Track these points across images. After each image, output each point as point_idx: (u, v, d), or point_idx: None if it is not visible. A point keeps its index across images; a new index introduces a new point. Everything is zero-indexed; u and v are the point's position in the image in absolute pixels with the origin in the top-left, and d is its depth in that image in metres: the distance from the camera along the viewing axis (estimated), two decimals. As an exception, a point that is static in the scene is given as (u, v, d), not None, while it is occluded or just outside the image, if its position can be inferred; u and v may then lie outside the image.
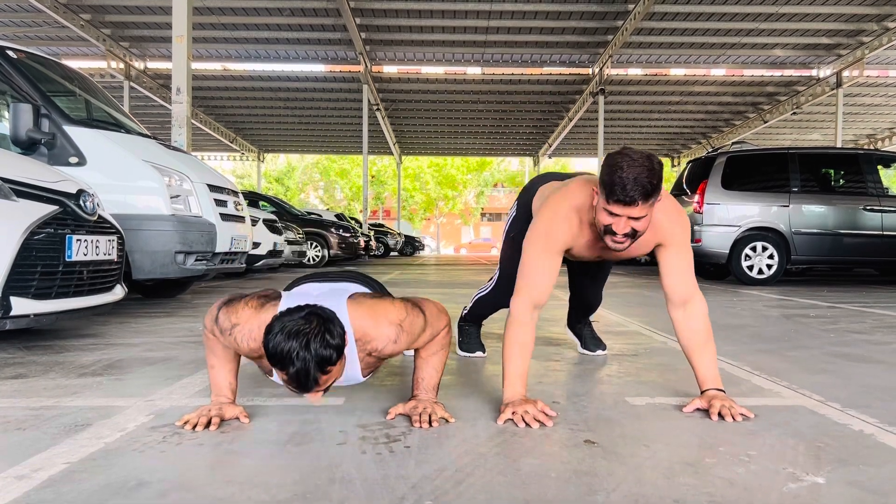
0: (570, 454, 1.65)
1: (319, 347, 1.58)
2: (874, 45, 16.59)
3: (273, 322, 1.64)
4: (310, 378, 1.60)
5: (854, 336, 3.87)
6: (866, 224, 8.59)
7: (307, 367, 1.58)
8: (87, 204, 3.38)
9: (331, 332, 1.62)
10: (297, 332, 1.59)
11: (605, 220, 2.00)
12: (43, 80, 4.70)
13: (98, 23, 16.31)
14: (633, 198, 1.90)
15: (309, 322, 1.61)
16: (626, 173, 1.89)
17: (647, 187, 1.90)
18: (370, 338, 1.86)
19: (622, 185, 1.89)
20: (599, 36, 17.00)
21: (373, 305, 1.89)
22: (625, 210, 1.94)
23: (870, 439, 1.80)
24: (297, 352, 1.57)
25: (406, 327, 1.88)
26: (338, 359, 1.64)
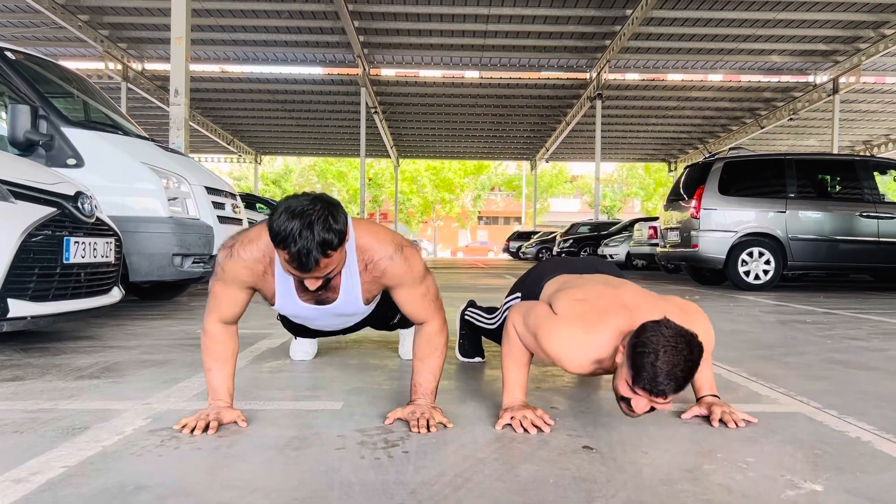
0: (568, 460, 1.65)
1: (322, 229, 1.62)
2: (871, 52, 16.66)
3: (279, 203, 1.68)
4: (311, 257, 1.63)
5: (851, 342, 3.88)
6: (862, 230, 8.61)
7: (308, 245, 1.61)
8: (84, 206, 3.38)
9: (335, 216, 1.67)
10: (302, 212, 1.63)
11: (624, 393, 1.76)
12: (41, 82, 4.69)
13: (96, 24, 16.30)
14: (663, 392, 1.66)
15: (314, 204, 1.66)
16: (661, 362, 1.63)
17: (680, 381, 1.65)
18: (369, 247, 1.94)
19: (653, 376, 1.65)
20: (597, 41, 17.04)
21: (377, 227, 2.01)
22: (650, 397, 1.70)
23: (867, 446, 1.81)
24: (300, 230, 1.60)
25: (406, 254, 1.97)
26: (339, 244, 1.68)
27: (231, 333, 2.02)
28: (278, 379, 2.64)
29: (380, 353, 3.30)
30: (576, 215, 45.48)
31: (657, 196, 44.61)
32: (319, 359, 3.11)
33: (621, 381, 1.76)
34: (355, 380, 2.63)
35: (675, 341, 1.65)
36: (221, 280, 1.97)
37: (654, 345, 1.65)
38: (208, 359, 1.98)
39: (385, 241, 1.96)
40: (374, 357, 3.19)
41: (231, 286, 1.96)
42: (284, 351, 3.28)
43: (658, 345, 1.65)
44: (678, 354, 1.64)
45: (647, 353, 1.65)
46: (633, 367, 1.68)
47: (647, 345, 1.66)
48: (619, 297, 2.00)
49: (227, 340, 2.00)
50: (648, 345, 1.66)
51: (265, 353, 3.25)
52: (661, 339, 1.66)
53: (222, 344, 1.99)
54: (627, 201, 51.26)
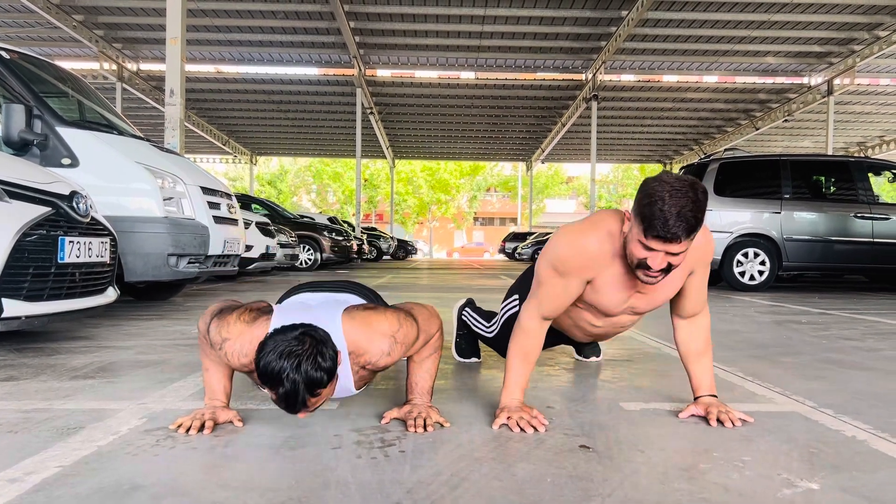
0: (565, 459, 1.65)
1: (310, 370, 1.57)
2: (865, 54, 16.72)
3: (266, 340, 1.63)
4: (298, 400, 1.59)
5: (846, 342, 3.89)
6: (857, 231, 8.63)
7: (296, 388, 1.57)
8: (79, 206, 3.37)
9: (322, 354, 1.61)
10: (290, 352, 1.58)
11: (640, 254, 1.79)
12: (35, 81, 4.68)
13: (91, 24, 16.27)
14: (676, 234, 1.68)
15: (301, 343, 1.60)
16: (669, 206, 1.67)
17: (691, 222, 1.68)
18: (363, 350, 1.84)
19: (664, 220, 1.67)
20: (593, 42, 17.07)
21: (366, 318, 1.86)
22: (664, 246, 1.72)
23: (862, 445, 1.81)
24: (288, 373, 1.56)
25: (400, 339, 1.86)
26: (328, 381, 1.63)
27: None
28: (274, 379, 2.63)
29: (376, 353, 3.29)
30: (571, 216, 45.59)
31: (652, 197, 44.65)
32: (315, 359, 3.10)
33: (634, 243, 1.79)
34: (351, 380, 2.62)
35: (679, 185, 1.69)
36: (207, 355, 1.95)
37: (660, 191, 1.69)
38: (206, 359, 1.97)
39: (377, 337, 1.84)
40: (370, 357, 3.18)
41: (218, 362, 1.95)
42: (280, 351, 3.27)
43: (663, 191, 1.69)
44: (684, 196, 1.67)
45: (654, 200, 1.68)
46: (644, 217, 1.71)
47: (652, 194, 1.70)
48: None
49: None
50: (654, 193, 1.69)
51: (261, 353, 3.24)
52: (665, 185, 1.70)
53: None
54: (623, 202, 51.34)
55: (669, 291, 2.06)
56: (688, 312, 2.14)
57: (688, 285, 2.07)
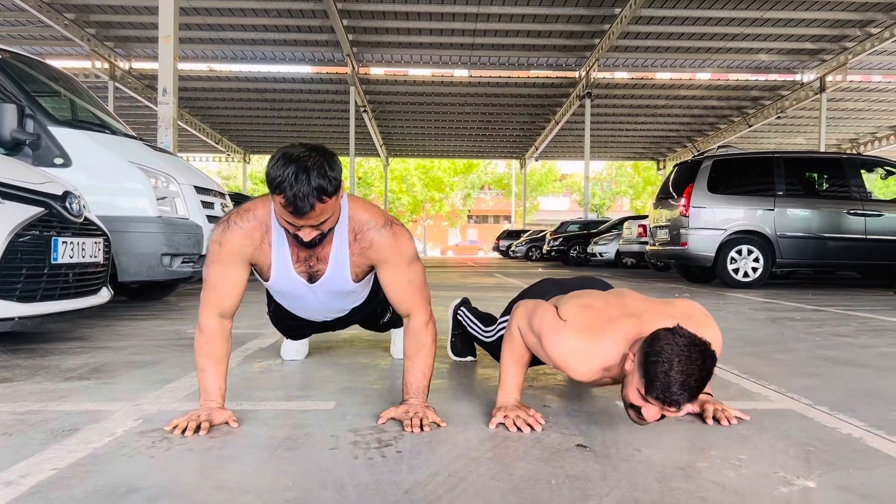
0: (562, 458, 1.65)
1: (317, 175, 1.69)
2: (857, 51, 16.78)
3: (277, 151, 1.76)
4: (306, 201, 1.69)
5: (840, 339, 3.90)
6: (850, 228, 8.67)
7: (304, 189, 1.67)
8: (72, 206, 3.35)
9: (330, 164, 1.74)
10: (298, 157, 1.71)
11: (635, 402, 1.72)
12: (27, 80, 4.65)
13: (82, 22, 16.18)
14: (678, 402, 1.63)
15: (310, 152, 1.73)
16: (675, 373, 1.60)
17: (694, 391, 1.63)
18: (360, 217, 2.01)
19: (667, 386, 1.61)
20: (586, 39, 17.08)
21: (371, 203, 2.10)
22: (662, 406, 1.67)
23: (858, 443, 1.82)
24: (297, 174, 1.67)
25: (395, 230, 2.03)
26: (333, 192, 1.74)
27: (225, 331, 2.00)
28: (270, 379, 2.62)
29: (371, 353, 3.29)
30: (565, 214, 45.62)
31: (646, 195, 44.79)
32: (311, 358, 3.10)
33: (632, 389, 1.72)
34: (347, 379, 2.62)
35: (689, 351, 1.62)
36: (217, 260, 1.96)
37: (668, 354, 1.62)
38: (201, 358, 1.96)
39: (376, 214, 2.04)
40: (365, 356, 3.18)
41: (228, 264, 1.96)
42: (275, 351, 3.26)
43: (672, 354, 1.61)
44: (692, 364, 1.61)
45: (660, 361, 1.62)
46: (646, 376, 1.65)
47: (660, 354, 1.63)
48: (625, 305, 1.97)
49: (221, 339, 1.99)
50: (662, 354, 1.62)
51: (256, 353, 3.23)
52: (676, 348, 1.62)
53: (216, 343, 1.97)
54: (616, 200, 51.44)
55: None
56: None
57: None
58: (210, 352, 1.96)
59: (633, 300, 2.02)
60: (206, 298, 1.99)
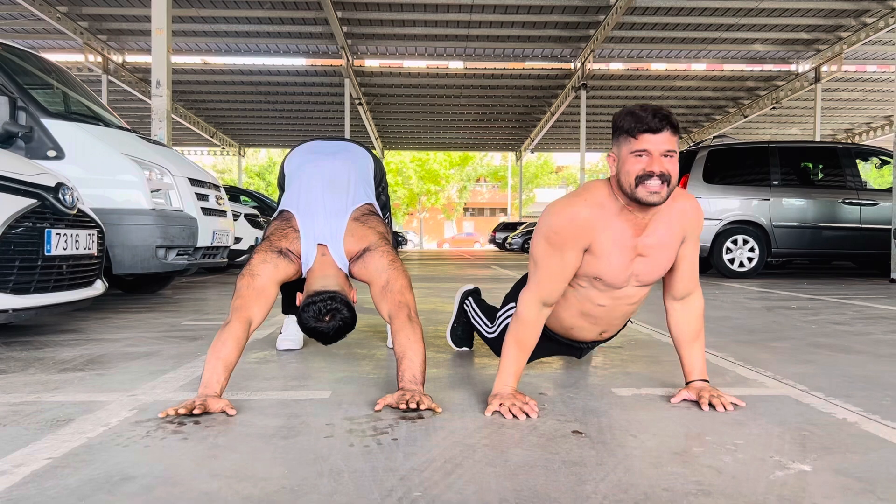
0: (558, 445, 1.65)
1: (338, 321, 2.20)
2: (852, 41, 16.76)
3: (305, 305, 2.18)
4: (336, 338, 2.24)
5: (835, 327, 3.91)
6: (845, 217, 8.69)
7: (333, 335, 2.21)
8: (66, 197, 3.33)
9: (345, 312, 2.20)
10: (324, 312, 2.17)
11: (636, 167, 1.83)
12: (20, 73, 4.62)
13: (75, 15, 16.07)
14: (662, 124, 1.80)
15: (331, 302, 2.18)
16: (642, 110, 1.83)
17: (668, 117, 1.82)
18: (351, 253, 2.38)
19: (645, 117, 1.81)
20: (581, 30, 17.03)
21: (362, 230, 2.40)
22: (654, 140, 1.81)
23: (853, 427, 1.82)
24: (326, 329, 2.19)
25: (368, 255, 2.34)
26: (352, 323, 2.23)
27: (242, 342, 2.06)
28: (265, 369, 2.62)
29: (368, 343, 3.28)
30: (561, 206, 45.49)
31: (642, 186, 44.72)
32: (307, 349, 3.09)
33: (626, 161, 1.86)
34: (343, 369, 2.62)
35: (642, 104, 1.87)
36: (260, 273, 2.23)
37: (631, 107, 1.87)
38: (214, 358, 1.97)
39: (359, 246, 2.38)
40: (361, 347, 3.18)
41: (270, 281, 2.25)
42: (271, 342, 3.26)
43: (634, 106, 1.87)
44: (650, 107, 1.84)
45: (630, 111, 1.85)
46: (627, 128, 1.84)
47: (625, 110, 1.88)
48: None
49: (237, 348, 2.03)
50: (627, 109, 1.88)
51: (252, 343, 3.23)
52: (634, 106, 1.88)
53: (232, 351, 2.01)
54: (612, 191, 51.36)
55: (670, 254, 2.06)
56: (680, 292, 2.14)
57: (680, 257, 2.09)
58: (224, 355, 1.99)
59: None
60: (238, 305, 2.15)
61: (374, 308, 3.46)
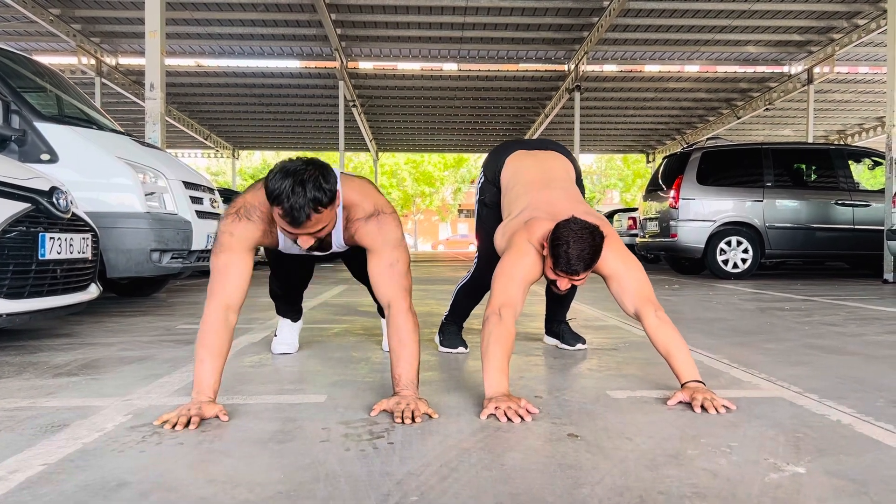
0: (553, 448, 1.66)
1: (313, 187, 1.81)
2: (844, 42, 16.82)
3: (276, 165, 1.87)
4: (302, 212, 1.81)
5: (828, 328, 3.92)
6: (838, 218, 8.73)
7: (300, 201, 1.80)
8: (60, 201, 3.32)
9: (325, 176, 1.86)
10: (295, 171, 1.83)
11: (551, 276, 2.26)
12: (12, 76, 4.60)
13: (68, 17, 16.01)
14: (576, 270, 2.16)
15: (307, 165, 1.85)
16: (571, 249, 2.12)
17: (587, 261, 2.15)
18: (352, 204, 2.16)
19: (566, 260, 2.14)
20: (575, 32, 17.06)
21: (366, 187, 2.23)
22: (568, 277, 2.20)
23: (847, 429, 1.83)
24: (293, 187, 1.80)
25: (381, 220, 2.16)
26: (328, 203, 1.86)
27: (230, 325, 2.01)
28: (261, 373, 2.62)
29: (363, 346, 3.28)
30: (555, 207, 45.53)
31: (636, 187, 44.86)
32: (302, 353, 3.09)
33: (548, 268, 2.25)
34: (338, 373, 2.62)
35: (581, 233, 2.14)
36: (228, 248, 2.05)
37: (566, 237, 2.14)
38: (202, 349, 1.95)
39: (365, 200, 2.18)
40: (357, 350, 3.17)
41: (238, 252, 2.05)
42: (266, 346, 3.26)
43: (568, 237, 2.14)
44: (584, 242, 2.14)
45: (560, 244, 2.15)
46: (553, 256, 2.18)
47: (559, 238, 2.16)
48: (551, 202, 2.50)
49: (224, 332, 1.99)
50: (561, 238, 2.15)
51: (247, 347, 3.22)
52: (570, 232, 2.15)
53: (220, 335, 1.97)
54: (606, 193, 51.52)
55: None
56: (634, 314, 2.29)
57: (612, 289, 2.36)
58: (212, 344, 1.95)
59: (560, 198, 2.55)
60: (213, 289, 2.03)
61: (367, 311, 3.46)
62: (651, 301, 2.28)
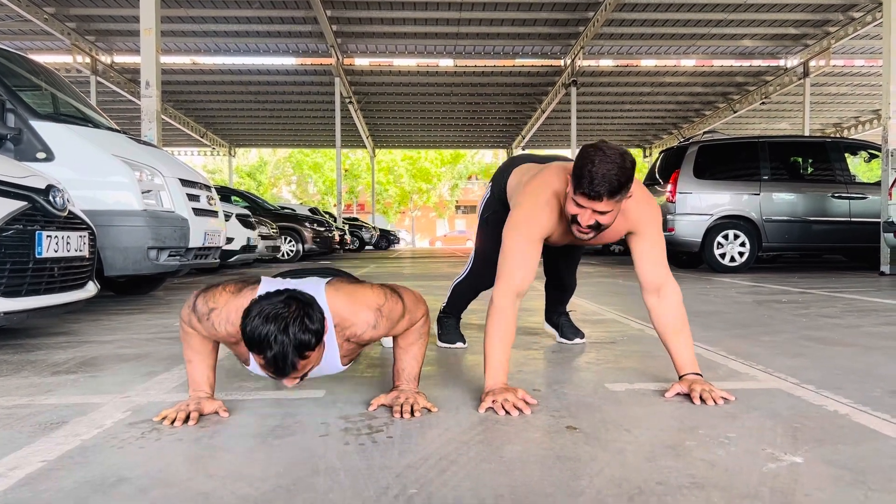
0: (552, 440, 1.66)
1: (298, 332, 1.56)
2: (840, 35, 16.84)
3: (251, 305, 1.61)
4: (287, 362, 1.58)
5: (825, 320, 3.94)
6: (834, 211, 8.74)
7: (285, 350, 1.56)
8: (56, 199, 3.32)
9: (310, 316, 1.60)
10: (276, 315, 1.57)
11: (572, 210, 2.05)
12: (7, 75, 4.59)
13: (62, 16, 15.98)
14: (599, 193, 1.94)
15: (288, 306, 1.59)
16: (597, 168, 1.91)
17: (613, 184, 1.93)
18: (349, 323, 1.84)
19: (590, 179, 1.92)
20: (571, 27, 17.05)
21: (352, 291, 1.87)
22: (590, 203, 1.98)
23: (844, 419, 1.84)
24: (275, 335, 1.55)
25: (385, 312, 1.87)
26: (316, 344, 1.62)
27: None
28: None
29: (361, 342, 3.28)
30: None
31: (633, 182, 44.82)
32: (300, 348, 3.09)
33: (569, 200, 2.05)
34: (337, 368, 2.62)
35: (609, 152, 1.94)
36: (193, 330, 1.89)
37: (591, 155, 1.94)
38: (188, 351, 1.94)
39: (363, 309, 1.85)
40: (355, 345, 3.17)
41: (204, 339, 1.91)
42: (264, 342, 3.25)
43: (594, 155, 1.93)
44: (611, 162, 1.92)
45: (585, 162, 1.94)
46: (575, 177, 1.97)
47: (585, 156, 1.95)
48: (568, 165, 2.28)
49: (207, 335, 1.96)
50: (586, 156, 1.95)
51: (245, 344, 3.22)
52: (598, 151, 1.95)
53: (201, 337, 1.95)
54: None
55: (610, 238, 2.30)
56: (650, 283, 2.21)
57: (635, 250, 2.23)
58: (196, 345, 1.92)
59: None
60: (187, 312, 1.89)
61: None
62: (671, 277, 2.21)
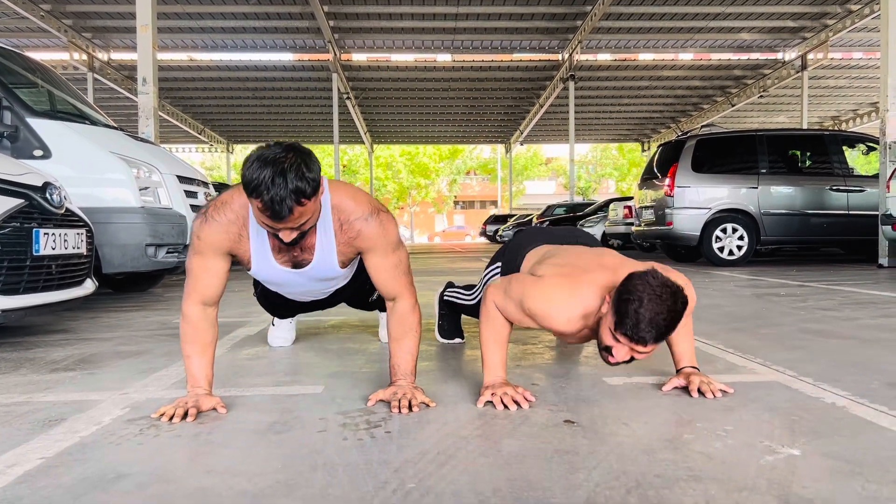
0: (550, 434, 1.66)
1: (295, 177, 1.60)
2: (838, 28, 16.82)
3: (252, 153, 1.65)
4: (284, 205, 1.61)
5: (823, 313, 3.94)
6: (832, 204, 8.74)
7: (282, 192, 1.59)
8: (53, 197, 3.31)
9: (308, 164, 1.64)
10: (274, 159, 1.61)
11: (607, 341, 1.82)
12: (3, 72, 4.58)
13: (59, 13, 15.93)
14: (644, 339, 1.71)
15: (287, 153, 1.63)
16: (644, 310, 1.68)
17: (661, 330, 1.71)
18: (345, 206, 1.94)
19: (634, 322, 1.70)
20: (569, 22, 17.02)
21: (355, 189, 1.99)
22: (631, 344, 1.76)
23: (842, 411, 1.84)
24: (273, 177, 1.58)
25: (382, 218, 1.97)
26: (312, 193, 1.65)
27: (210, 319, 1.98)
28: (257, 365, 2.62)
29: (359, 338, 3.29)
30: (551, 197, 45.59)
31: (631, 176, 44.88)
32: (298, 344, 3.09)
33: (605, 329, 1.81)
34: (335, 364, 2.62)
35: (661, 291, 1.69)
36: (199, 252, 1.94)
37: (640, 292, 1.69)
38: (187, 345, 1.94)
39: (362, 203, 1.97)
40: (353, 341, 3.18)
41: (209, 256, 1.93)
42: (262, 338, 3.26)
43: (643, 292, 1.69)
44: (662, 304, 1.68)
45: (632, 300, 1.69)
46: (618, 313, 1.73)
47: (632, 292, 1.70)
48: (602, 260, 2.05)
49: (206, 326, 1.97)
50: (634, 292, 1.70)
51: (243, 340, 3.22)
52: (647, 287, 1.70)
53: (201, 330, 1.95)
54: (602, 182, 51.51)
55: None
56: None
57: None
58: (195, 339, 1.94)
59: (610, 256, 2.10)
60: (188, 288, 1.97)
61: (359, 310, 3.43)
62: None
